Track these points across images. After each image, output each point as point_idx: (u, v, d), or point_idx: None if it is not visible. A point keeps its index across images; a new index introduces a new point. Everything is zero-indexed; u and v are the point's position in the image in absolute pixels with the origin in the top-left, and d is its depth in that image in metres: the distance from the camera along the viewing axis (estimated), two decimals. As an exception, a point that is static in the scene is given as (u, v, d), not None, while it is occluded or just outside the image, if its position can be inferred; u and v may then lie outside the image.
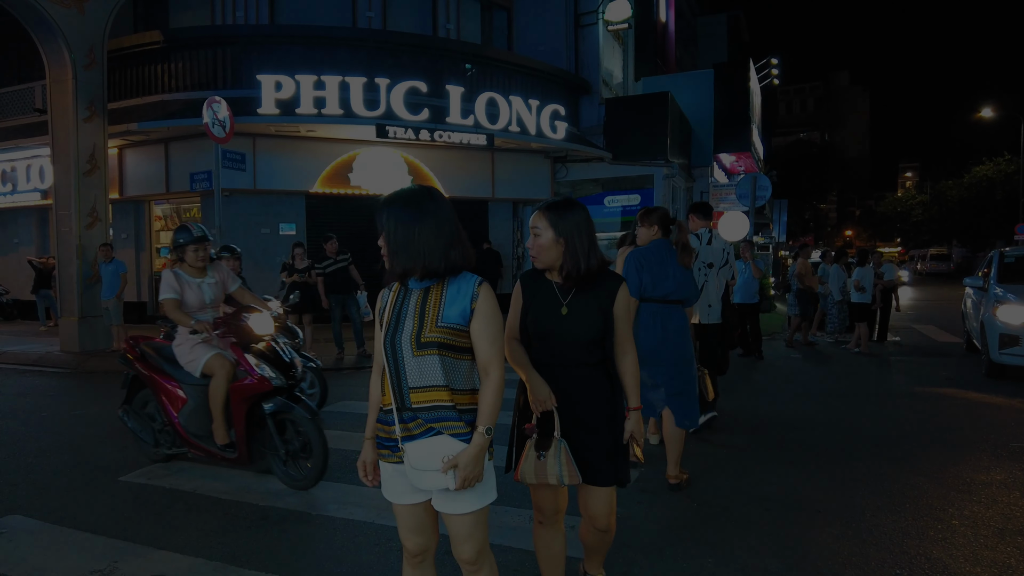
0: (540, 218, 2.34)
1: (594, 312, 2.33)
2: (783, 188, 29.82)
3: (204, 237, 4.38)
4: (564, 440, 2.28)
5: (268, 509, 3.78)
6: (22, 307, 14.62)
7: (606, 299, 2.34)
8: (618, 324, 2.36)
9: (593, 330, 2.32)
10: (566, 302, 2.35)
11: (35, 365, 9.21)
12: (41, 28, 9.52)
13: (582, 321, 2.32)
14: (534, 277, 2.45)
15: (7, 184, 14.45)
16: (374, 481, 2.10)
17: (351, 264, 9.04)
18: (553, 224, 2.32)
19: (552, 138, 13.31)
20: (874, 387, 7.53)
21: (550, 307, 2.36)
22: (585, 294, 2.34)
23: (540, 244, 2.34)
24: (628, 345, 2.40)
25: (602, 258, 2.37)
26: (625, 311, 2.37)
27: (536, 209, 2.38)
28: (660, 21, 21.02)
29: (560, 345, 2.35)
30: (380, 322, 2.03)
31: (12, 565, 3.12)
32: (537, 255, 2.36)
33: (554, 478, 2.24)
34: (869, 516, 3.68)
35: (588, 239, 2.32)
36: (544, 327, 2.36)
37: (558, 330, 2.33)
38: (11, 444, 5.21)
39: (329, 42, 12.33)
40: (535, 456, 2.28)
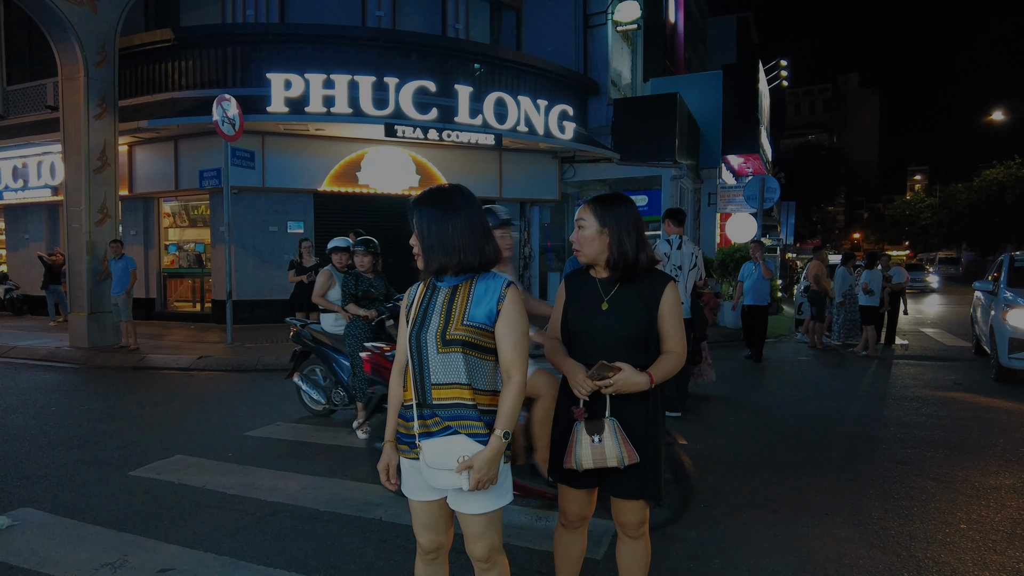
0: (585, 210, 2.29)
1: (637, 309, 2.22)
2: (791, 190, 29.69)
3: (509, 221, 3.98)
4: (615, 419, 2.16)
5: (277, 505, 3.80)
6: (32, 302, 14.73)
7: (651, 297, 2.23)
8: (665, 322, 2.23)
9: (635, 328, 2.20)
10: (607, 297, 2.26)
11: (45, 360, 9.28)
12: (55, 26, 9.59)
13: (623, 317, 2.22)
14: (579, 275, 2.38)
15: (18, 180, 14.56)
16: (396, 484, 2.10)
17: None
18: (598, 215, 2.25)
19: (560, 138, 13.31)
20: (882, 390, 7.50)
21: (591, 303, 2.28)
22: (629, 290, 2.24)
23: (584, 236, 2.27)
24: (676, 343, 2.23)
25: (652, 255, 2.26)
26: (673, 309, 2.24)
27: (582, 202, 2.32)
28: (669, 22, 20.97)
29: (599, 343, 2.23)
30: (406, 318, 2.04)
31: (25, 557, 3.15)
32: (580, 248, 2.28)
33: (615, 460, 2.11)
34: (876, 519, 3.67)
35: (636, 232, 2.24)
36: (583, 323, 2.27)
37: (597, 326, 2.23)
38: (22, 438, 5.25)
39: (339, 41, 12.37)
40: (590, 440, 2.14)
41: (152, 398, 6.94)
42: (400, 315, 2.11)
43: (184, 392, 7.28)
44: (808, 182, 37.90)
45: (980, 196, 41.22)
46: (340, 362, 5.61)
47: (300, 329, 5.99)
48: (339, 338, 5.69)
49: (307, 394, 6.00)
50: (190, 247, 13.82)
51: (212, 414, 6.15)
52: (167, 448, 4.96)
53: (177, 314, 13.68)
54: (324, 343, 5.80)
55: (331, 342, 5.75)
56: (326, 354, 5.75)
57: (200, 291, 13.68)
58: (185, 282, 14.00)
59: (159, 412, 6.23)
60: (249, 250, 12.44)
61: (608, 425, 2.15)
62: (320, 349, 5.80)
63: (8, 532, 3.43)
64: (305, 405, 6.10)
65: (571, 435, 2.19)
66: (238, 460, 4.67)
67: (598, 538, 3.32)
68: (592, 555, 3.14)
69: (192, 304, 13.84)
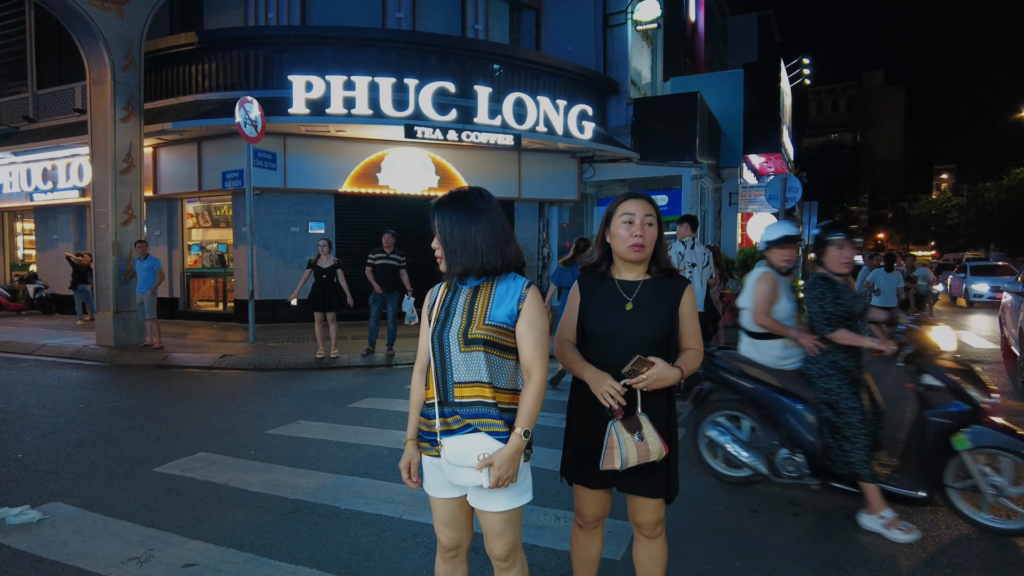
0: (650, 207, 2.27)
1: (661, 308, 2.23)
2: (813, 190, 29.34)
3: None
4: (646, 414, 2.15)
5: (298, 503, 3.85)
6: (60, 301, 15.04)
7: (672, 298, 2.26)
8: (685, 321, 2.26)
9: (659, 327, 2.21)
10: (631, 298, 2.26)
11: (72, 358, 9.47)
12: (83, 31, 9.78)
13: (648, 317, 2.22)
14: (593, 277, 2.35)
15: (48, 182, 14.89)
16: (418, 483, 2.12)
17: (403, 267, 8.95)
18: (658, 216, 2.28)
19: (579, 138, 13.29)
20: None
21: (612, 304, 2.26)
22: (651, 291, 2.26)
23: (652, 234, 2.25)
24: (694, 340, 2.28)
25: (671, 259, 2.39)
26: (692, 310, 2.28)
27: (630, 197, 2.28)
28: (689, 21, 20.85)
29: (622, 344, 2.20)
30: (428, 318, 2.08)
31: (55, 550, 3.23)
32: (647, 245, 2.25)
33: (657, 454, 2.11)
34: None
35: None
36: (604, 325, 2.25)
37: (621, 327, 2.22)
38: (51, 434, 5.36)
39: (359, 43, 12.47)
40: (632, 439, 2.10)
41: (176, 396, 7.05)
42: (422, 315, 2.14)
43: (207, 390, 7.39)
44: (831, 181, 37.37)
45: (1009, 195, 40.36)
46: (799, 413, 3.88)
47: (715, 357, 4.32)
48: (791, 377, 3.96)
49: (726, 448, 4.18)
50: (213, 247, 14.02)
51: (234, 412, 6.23)
52: (191, 445, 5.04)
53: (200, 313, 13.88)
54: (764, 382, 4.05)
55: (778, 382, 3.99)
56: (769, 399, 4.02)
57: (223, 291, 13.87)
58: (208, 282, 14.20)
59: (183, 410, 6.33)
60: (271, 250, 12.58)
61: (644, 421, 2.13)
62: (757, 391, 4.07)
63: (38, 525, 3.51)
64: (708, 462, 4.36)
65: (607, 436, 2.12)
66: (260, 458, 4.73)
67: (618, 539, 3.31)
68: (612, 556, 3.14)
69: (215, 303, 14.04)
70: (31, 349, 9.95)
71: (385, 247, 8.89)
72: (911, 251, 41.88)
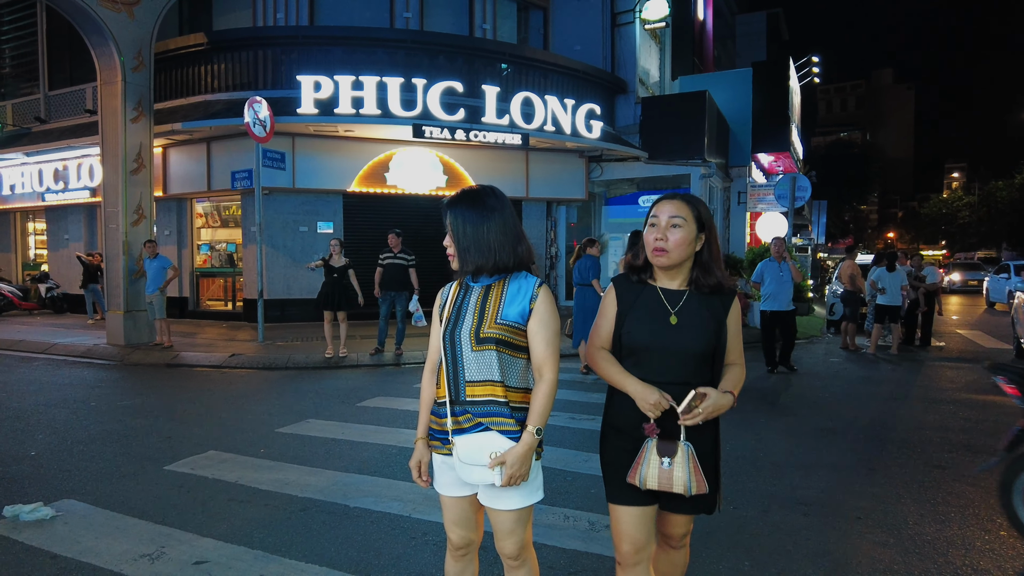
0: (683, 207, 2.04)
1: (708, 322, 2.04)
2: (822, 189, 29.17)
3: None
4: (690, 444, 1.99)
5: (308, 501, 3.86)
6: (71, 301, 15.15)
7: (721, 310, 2.07)
8: (731, 335, 2.09)
9: (706, 343, 2.03)
10: (675, 310, 2.06)
11: (83, 357, 9.54)
12: (94, 32, 9.85)
13: (694, 331, 2.03)
14: (632, 282, 2.15)
15: (59, 182, 15.01)
16: (428, 481, 2.13)
17: (412, 267, 8.91)
18: (697, 217, 2.04)
19: (587, 137, 13.27)
20: (918, 392, 7.34)
21: (655, 316, 2.07)
22: (696, 303, 2.07)
23: (680, 238, 2.01)
24: (739, 355, 2.12)
25: (726, 276, 2.14)
26: (738, 322, 2.11)
27: (664, 198, 2.08)
28: (698, 19, 20.77)
29: (666, 359, 2.04)
30: (440, 317, 2.08)
31: (68, 546, 3.25)
32: (669, 249, 2.02)
33: (681, 486, 1.96)
34: (912, 524, 3.60)
35: (717, 239, 2.10)
36: (647, 338, 2.06)
37: (665, 342, 2.03)
38: (64, 432, 5.41)
39: (367, 43, 12.49)
40: (659, 462, 1.98)
41: (186, 395, 7.10)
42: (433, 314, 2.15)
43: (217, 389, 7.43)
44: (840, 180, 37.13)
45: (1022, 194, 39.98)
46: None
47: None
48: None
49: None
50: (222, 247, 14.09)
51: (244, 411, 6.26)
52: (201, 444, 5.07)
53: (209, 312, 13.95)
54: None
55: None
56: None
57: (232, 290, 13.93)
58: (217, 281, 14.27)
59: (193, 408, 6.37)
60: (280, 250, 12.63)
61: (682, 451, 1.98)
62: None
63: (51, 522, 3.54)
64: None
65: (640, 451, 2.02)
66: (270, 456, 4.76)
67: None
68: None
69: (224, 303, 14.11)
70: (43, 348, 10.04)
71: (392, 247, 8.89)
72: (921, 250, 41.58)
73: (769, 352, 8.59)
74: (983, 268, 30.04)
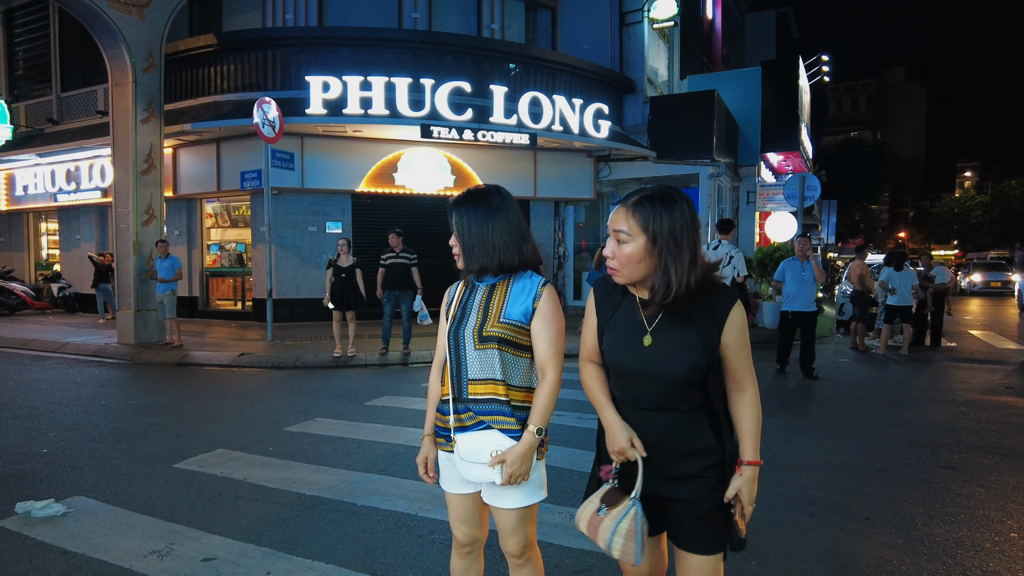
0: (627, 216, 1.71)
1: (692, 343, 1.70)
2: (832, 188, 29.01)
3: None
4: (639, 504, 1.75)
5: (315, 499, 3.88)
6: (83, 300, 15.30)
7: (711, 325, 1.71)
8: (730, 356, 1.74)
9: (687, 368, 1.70)
10: (651, 329, 1.75)
11: (94, 356, 9.63)
12: (105, 34, 9.93)
13: (672, 356, 1.72)
14: (612, 287, 1.87)
15: (71, 183, 15.16)
16: (434, 478, 2.14)
17: (414, 265, 8.93)
18: (645, 225, 1.69)
19: (596, 137, 13.25)
20: (928, 393, 7.28)
21: (629, 333, 1.78)
22: (679, 317, 1.72)
23: (626, 255, 1.71)
24: (747, 379, 1.77)
25: (708, 266, 1.73)
26: (740, 337, 1.73)
27: (619, 203, 1.75)
28: (707, 18, 20.71)
29: (643, 384, 1.78)
30: (446, 316, 2.10)
31: (78, 542, 3.29)
32: (620, 268, 1.75)
33: (603, 542, 1.76)
34: (921, 525, 3.57)
35: (691, 245, 1.69)
36: (620, 360, 1.80)
37: (638, 366, 1.76)
38: (75, 430, 5.46)
39: (376, 43, 12.53)
40: (595, 508, 1.80)
41: (195, 394, 7.15)
42: (440, 313, 2.17)
43: (226, 388, 7.48)
44: (850, 180, 36.92)
45: (1035, 193, 39.60)
46: None
47: None
48: None
49: None
50: (231, 247, 14.17)
51: (252, 410, 6.30)
52: (209, 442, 5.10)
53: (219, 312, 14.04)
54: None
55: None
56: None
57: (241, 290, 14.02)
58: (226, 281, 14.36)
59: (202, 407, 6.41)
60: (289, 250, 12.70)
61: (624, 506, 1.74)
62: None
63: (63, 519, 3.58)
64: None
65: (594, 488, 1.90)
66: (278, 455, 4.78)
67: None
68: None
69: (233, 302, 14.19)
70: (55, 347, 10.13)
71: (394, 246, 8.90)
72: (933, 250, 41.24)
73: (783, 351, 8.42)
74: (1006, 268, 28.86)
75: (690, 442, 1.78)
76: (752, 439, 1.78)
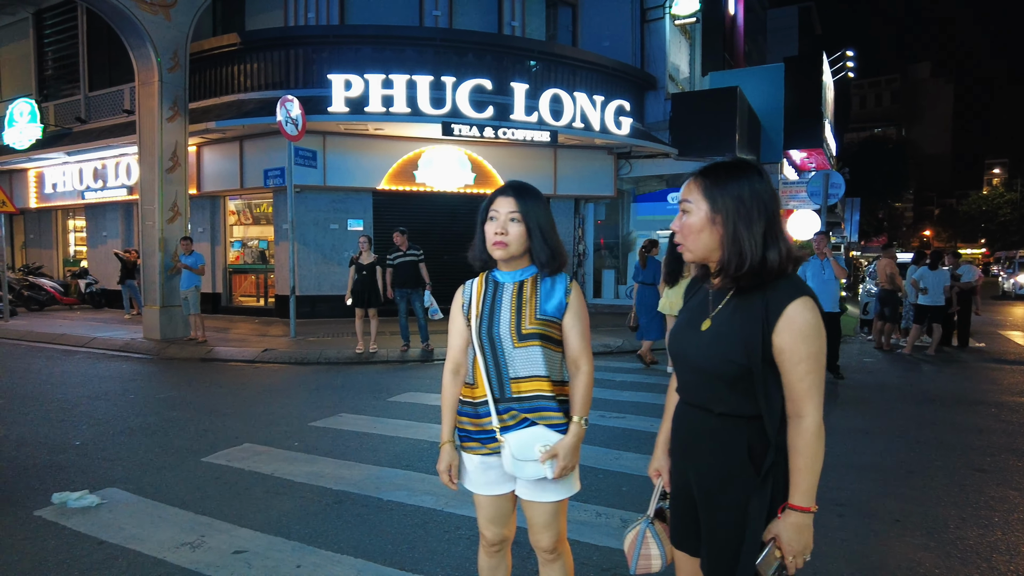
0: (692, 188, 1.62)
1: (735, 332, 1.54)
2: (855, 186, 28.62)
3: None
4: (649, 523, 1.83)
5: (342, 494, 3.92)
6: (109, 296, 15.56)
7: (757, 319, 1.51)
8: (784, 365, 1.49)
9: (719, 357, 1.55)
10: (712, 314, 1.63)
11: (121, 351, 9.79)
12: (133, 35, 10.09)
13: (712, 342, 1.58)
14: (700, 279, 1.76)
15: (98, 181, 15.43)
16: (457, 485, 2.11)
17: (422, 261, 8.97)
18: (709, 195, 1.58)
19: (617, 134, 13.20)
20: (957, 394, 7.16)
21: (692, 318, 1.69)
22: (741, 304, 1.57)
23: (688, 224, 1.62)
24: (806, 403, 1.49)
25: (790, 253, 1.54)
26: (800, 345, 1.48)
27: (689, 177, 1.66)
28: (728, 15, 20.51)
29: (684, 372, 1.70)
30: (466, 316, 2.07)
31: (113, 533, 3.35)
32: (684, 240, 1.65)
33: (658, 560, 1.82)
34: (953, 528, 3.52)
35: (765, 219, 1.54)
36: (672, 344, 1.73)
37: (691, 353, 1.64)
38: (105, 423, 5.56)
39: (397, 41, 12.59)
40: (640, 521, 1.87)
41: (220, 388, 7.24)
42: (453, 312, 2.12)
43: (250, 383, 7.57)
44: (874, 177, 36.39)
45: (1065, 191, 38.71)
46: None
47: None
48: None
49: None
50: (253, 244, 14.33)
51: (277, 405, 6.37)
52: (236, 436, 5.17)
53: (241, 308, 14.21)
54: None
55: None
56: None
57: (263, 286, 14.17)
58: (249, 278, 14.53)
59: (227, 402, 6.50)
60: (311, 247, 12.80)
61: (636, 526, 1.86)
62: None
63: (97, 510, 3.65)
64: None
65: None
66: (303, 449, 4.83)
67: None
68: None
69: (256, 299, 14.35)
70: (83, 342, 10.32)
71: (399, 245, 8.93)
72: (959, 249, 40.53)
73: None
74: None
75: (717, 456, 1.58)
76: (803, 478, 1.49)
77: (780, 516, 1.51)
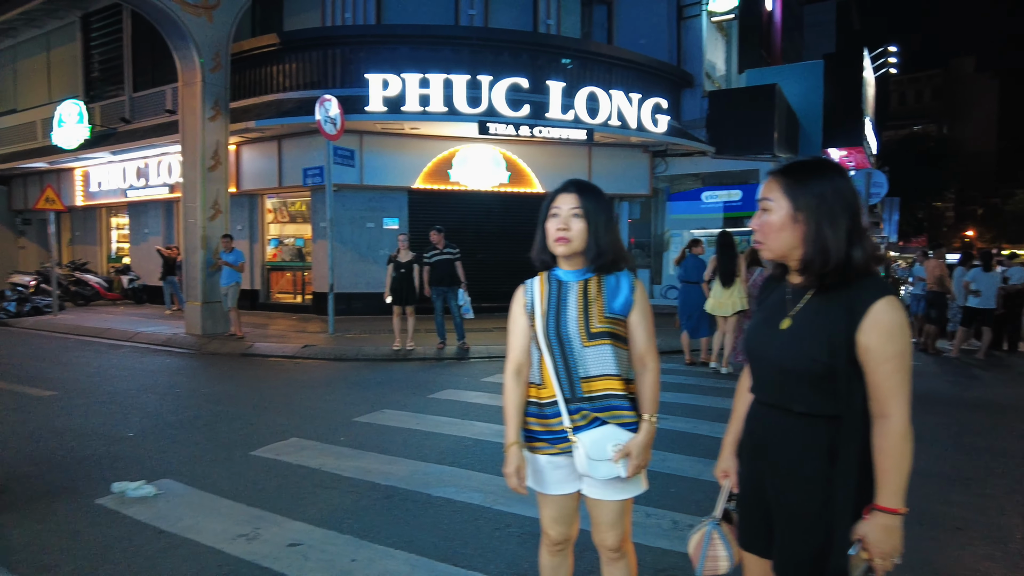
0: (772, 186, 1.61)
1: (819, 330, 1.53)
2: (894, 185, 27.92)
3: None
4: (716, 524, 1.83)
5: (391, 489, 3.94)
6: (151, 292, 15.94)
7: (843, 317, 1.50)
8: (870, 364, 1.48)
9: (802, 355, 1.53)
10: (792, 312, 1.61)
11: (164, 346, 10.02)
12: (176, 36, 10.31)
13: (793, 340, 1.57)
14: (776, 278, 1.75)
15: (141, 179, 15.81)
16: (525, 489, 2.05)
17: (458, 260, 8.99)
18: (791, 194, 1.57)
19: (653, 132, 13.08)
20: (1010, 399, 6.94)
21: (770, 316, 1.67)
22: (822, 302, 1.56)
23: (768, 223, 1.60)
24: (892, 403, 1.47)
25: (873, 252, 1.54)
26: (886, 343, 1.46)
27: (769, 175, 1.67)
28: (766, 11, 20.20)
29: (761, 371, 1.69)
30: (529, 315, 2.05)
31: (171, 522, 3.43)
32: (764, 239, 1.64)
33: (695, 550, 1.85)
34: (1019, 539, 3.40)
35: (848, 218, 1.52)
36: (750, 342, 1.73)
37: (770, 352, 1.63)
38: (155, 416, 5.69)
39: (433, 40, 12.65)
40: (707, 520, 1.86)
41: (263, 383, 7.36)
42: (514, 312, 2.09)
43: (292, 378, 7.67)
44: (914, 176, 35.48)
45: (1117, 190, 37.28)
46: None
47: None
48: None
49: None
50: (290, 241, 14.54)
51: (320, 400, 6.44)
52: (282, 431, 5.24)
53: (279, 305, 14.43)
54: None
55: None
56: None
57: (300, 283, 14.36)
58: (286, 275, 14.74)
59: (271, 397, 6.60)
60: (347, 245, 12.94)
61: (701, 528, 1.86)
62: None
63: (154, 499, 3.73)
64: None
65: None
66: (349, 444, 4.88)
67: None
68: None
69: (293, 295, 14.56)
70: (128, 336, 10.59)
71: (436, 243, 8.95)
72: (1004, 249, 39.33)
73: None
74: None
75: (797, 456, 1.56)
76: (890, 479, 1.48)
77: (866, 517, 1.50)
